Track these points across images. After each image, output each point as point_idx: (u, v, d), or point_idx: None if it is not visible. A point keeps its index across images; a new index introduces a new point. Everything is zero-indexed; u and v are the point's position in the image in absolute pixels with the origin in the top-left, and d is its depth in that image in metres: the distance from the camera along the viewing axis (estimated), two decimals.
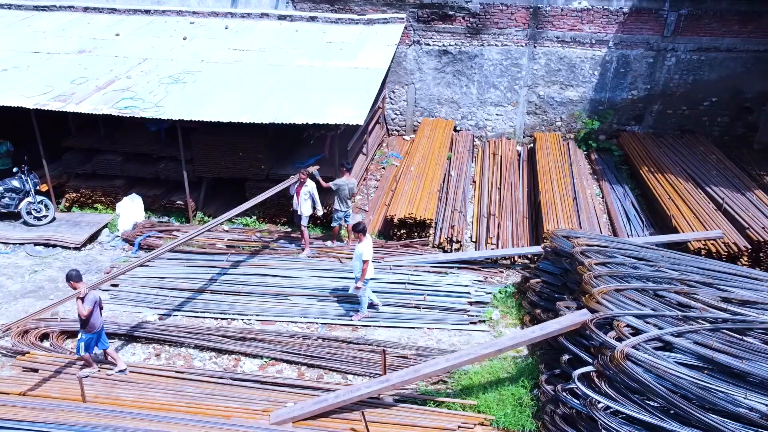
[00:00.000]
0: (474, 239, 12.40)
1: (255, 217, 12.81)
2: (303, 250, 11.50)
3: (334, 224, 11.87)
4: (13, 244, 11.81)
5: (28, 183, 12.29)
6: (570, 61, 16.30)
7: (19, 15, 17.15)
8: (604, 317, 7.46)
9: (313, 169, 11.52)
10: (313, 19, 16.44)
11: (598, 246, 9.23)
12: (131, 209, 12.74)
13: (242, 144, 12.25)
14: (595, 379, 7.08)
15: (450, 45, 16.56)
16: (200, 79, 13.09)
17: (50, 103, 11.90)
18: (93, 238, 12.16)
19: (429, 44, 16.67)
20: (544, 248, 10.66)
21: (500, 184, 14.29)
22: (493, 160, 15.80)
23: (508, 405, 7.91)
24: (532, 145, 17.03)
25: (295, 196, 11.36)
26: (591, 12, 15.71)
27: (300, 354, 8.97)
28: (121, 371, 8.24)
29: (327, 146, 13.37)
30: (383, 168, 15.67)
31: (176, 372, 8.32)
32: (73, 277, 7.95)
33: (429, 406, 7.94)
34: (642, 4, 15.45)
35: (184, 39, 15.32)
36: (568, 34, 16.01)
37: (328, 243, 12.07)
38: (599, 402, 6.88)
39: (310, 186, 11.32)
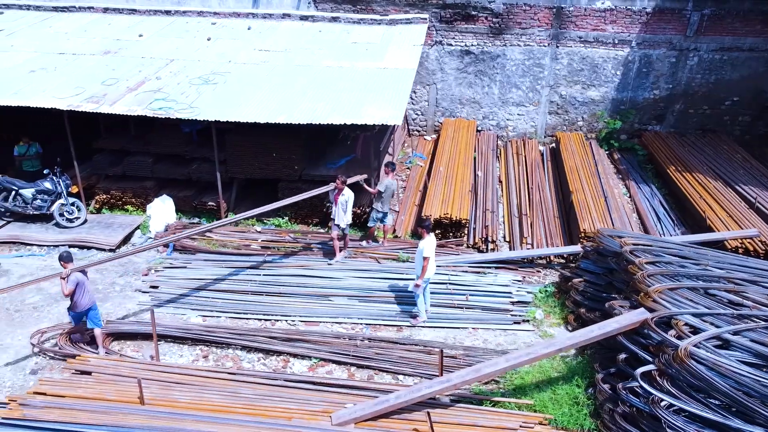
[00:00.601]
0: (507, 239, 12.41)
1: (287, 218, 12.78)
2: (334, 255, 11.20)
3: (371, 224, 11.84)
4: (47, 246, 11.74)
5: (60, 185, 12.23)
6: (592, 61, 16.36)
7: (38, 16, 17.06)
8: (663, 316, 7.48)
9: (360, 178, 11.44)
10: (335, 19, 16.43)
11: (644, 245, 9.26)
12: (162, 211, 12.69)
13: (276, 145, 12.22)
14: (657, 377, 7.10)
15: (472, 45, 16.58)
16: (230, 79, 13.06)
17: (83, 105, 11.85)
18: (126, 239, 12.11)
19: (451, 44, 16.68)
20: (584, 248, 10.71)
21: (528, 184, 14.31)
22: (517, 159, 15.82)
23: (565, 404, 7.92)
24: (554, 144, 17.08)
25: (333, 204, 11.17)
26: (614, 12, 15.77)
27: (349, 355, 8.96)
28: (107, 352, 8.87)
29: (358, 147, 13.36)
30: (408, 168, 15.67)
31: (230, 374, 8.27)
32: (63, 258, 8.57)
33: (485, 405, 7.94)
34: (665, 4, 15.52)
35: (209, 40, 15.29)
36: (590, 34, 16.06)
37: (364, 243, 12.04)
38: (662, 400, 6.91)
39: (348, 195, 10.96)
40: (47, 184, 12.22)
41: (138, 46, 14.89)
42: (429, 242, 9.36)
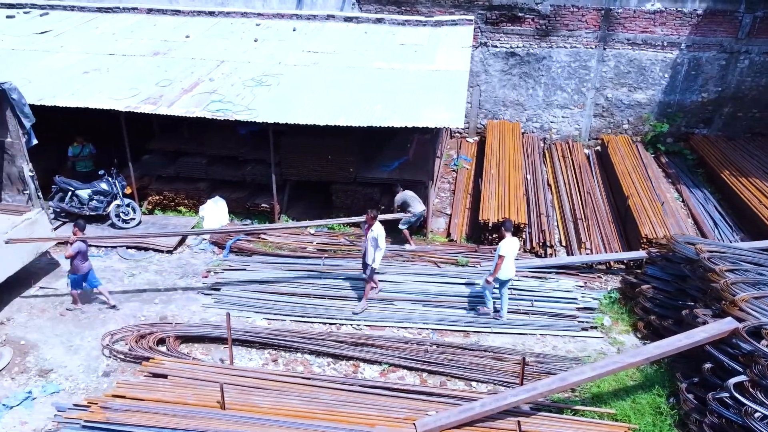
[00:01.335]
0: (563, 243, 12.28)
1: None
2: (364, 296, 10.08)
3: (402, 227, 11.73)
4: (104, 247, 11.76)
5: (115, 186, 12.25)
6: (640, 63, 16.17)
7: (83, 17, 17.13)
8: (754, 325, 7.34)
9: (395, 217, 11.39)
10: (380, 20, 16.35)
11: (719, 252, 9.10)
12: (215, 212, 12.68)
13: (332, 147, 12.16)
14: (750, 388, 6.97)
15: (518, 47, 16.45)
16: (282, 81, 13.01)
17: (141, 106, 11.85)
18: (182, 241, 12.09)
19: (496, 46, 16.57)
20: (649, 253, 10.56)
21: (579, 188, 14.16)
22: (564, 162, 15.68)
23: (647, 414, 7.80)
24: (599, 147, 16.92)
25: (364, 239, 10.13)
26: (664, 14, 15.58)
27: (420, 360, 8.88)
28: (112, 307, 9.88)
29: (411, 149, 13.28)
30: (453, 171, 15.57)
31: (305, 378, 8.22)
32: (78, 226, 9.66)
33: (565, 414, 7.83)
34: (716, 6, 15.31)
35: (255, 41, 15.27)
36: (639, 36, 15.88)
37: (407, 246, 11.93)
38: (755, 411, 6.78)
39: (377, 231, 9.61)
40: (103, 185, 12.24)
41: (186, 47, 14.89)
42: (507, 242, 9.44)
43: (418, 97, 12.20)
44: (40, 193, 10.42)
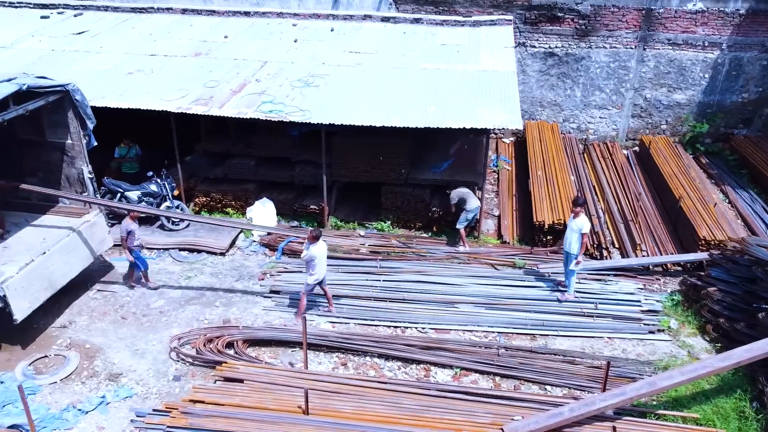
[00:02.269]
0: (616, 245, 12.18)
1: (389, 223, 12.63)
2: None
3: (460, 226, 11.66)
4: (157, 249, 11.66)
5: (165, 187, 12.16)
6: (680, 63, 16.08)
7: (117, 17, 17.04)
8: None
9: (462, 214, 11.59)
10: (417, 20, 16.25)
11: None
12: (263, 214, 12.60)
13: (383, 148, 12.07)
14: None
15: (556, 47, 16.36)
16: (330, 82, 12.93)
17: (192, 107, 11.77)
18: (232, 243, 12.00)
19: (534, 46, 16.48)
20: (711, 255, 10.47)
21: (624, 189, 14.07)
22: (605, 163, 15.58)
23: (732, 418, 7.71)
24: (636, 148, 16.84)
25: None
26: (705, 14, 15.49)
27: (492, 364, 8.79)
28: (153, 289, 10.37)
29: (455, 150, 13.19)
30: (494, 171, 15.47)
31: (381, 382, 8.13)
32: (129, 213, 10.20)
33: (648, 418, 7.74)
34: (759, 6, 15.22)
35: (295, 41, 15.17)
36: (680, 36, 15.79)
37: (461, 248, 11.85)
38: None
39: (315, 250, 9.21)
40: (153, 187, 12.16)
41: (226, 47, 14.79)
42: (585, 220, 9.71)
43: (469, 97, 12.11)
44: (98, 195, 10.32)
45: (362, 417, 7.39)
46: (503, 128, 11.50)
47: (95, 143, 10.09)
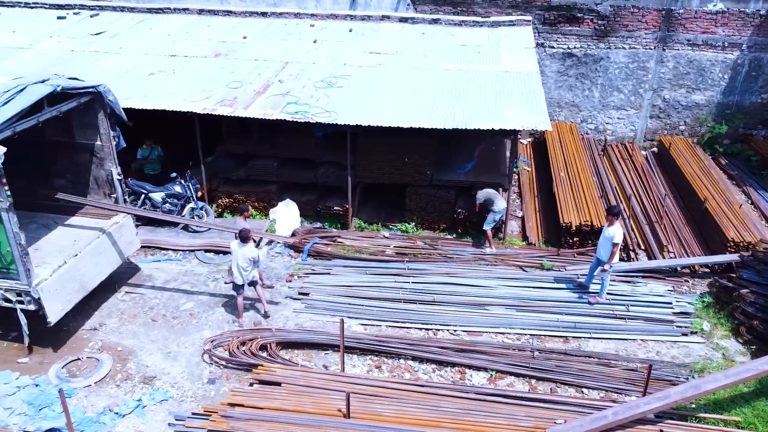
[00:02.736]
0: (642, 247, 12.14)
1: (413, 224, 12.59)
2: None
3: (487, 227, 11.62)
4: (182, 251, 11.61)
5: (189, 189, 12.12)
6: (699, 64, 16.05)
7: (134, 17, 16.99)
8: None
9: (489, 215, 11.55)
10: (435, 21, 16.21)
11: None
12: (286, 215, 12.54)
13: (408, 149, 12.03)
14: None
15: (575, 47, 16.33)
16: (353, 83, 12.88)
17: (218, 108, 11.72)
18: (257, 244, 11.93)
19: (553, 47, 16.44)
20: (741, 257, 10.43)
21: (646, 190, 14.03)
22: (625, 164, 15.54)
23: None
24: (655, 149, 16.81)
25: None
26: (726, 15, 15.46)
27: (527, 366, 8.75)
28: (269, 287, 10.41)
29: (478, 151, 13.14)
30: (514, 172, 15.39)
31: (418, 385, 8.09)
32: (243, 208, 10.38)
33: (689, 421, 7.70)
34: None
35: (315, 42, 15.12)
36: (699, 36, 15.76)
37: (488, 250, 11.81)
38: None
39: (249, 251, 9.38)
40: (177, 188, 12.11)
41: (245, 48, 14.75)
42: (618, 228, 9.61)
43: (495, 98, 12.07)
44: (126, 197, 10.27)
45: (403, 420, 7.34)
46: (533, 129, 11.40)
47: (124, 144, 10.05)
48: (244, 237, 9.27)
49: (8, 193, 7.69)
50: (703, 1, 15.39)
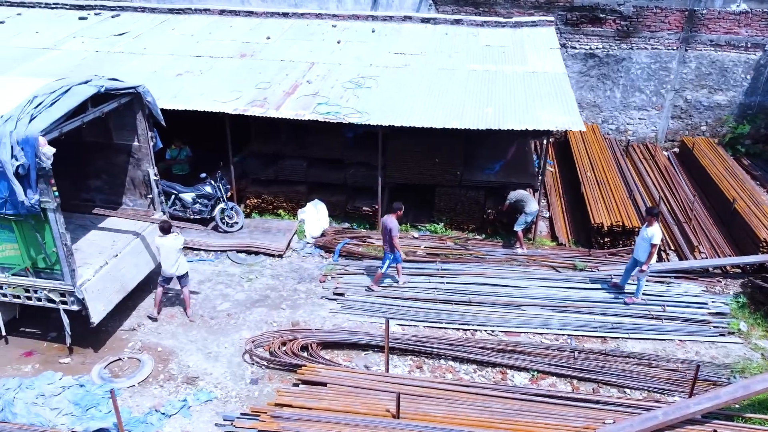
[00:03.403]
0: (672, 247, 12.15)
1: (442, 224, 12.60)
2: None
3: (518, 228, 11.63)
4: (214, 251, 11.62)
5: (220, 189, 12.12)
6: (722, 64, 16.06)
7: (155, 18, 16.99)
8: None
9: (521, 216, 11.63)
10: (457, 22, 16.21)
11: None
12: (315, 215, 12.55)
13: (438, 150, 12.04)
14: None
15: (597, 48, 16.34)
16: (381, 83, 12.87)
17: (249, 109, 11.73)
18: (288, 244, 11.96)
19: (575, 47, 16.45)
20: None
21: (672, 191, 14.05)
22: (648, 165, 15.55)
23: None
24: (676, 149, 16.82)
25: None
26: (749, 15, 15.46)
27: (568, 367, 8.76)
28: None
29: (511, 151, 13.16)
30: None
31: (463, 386, 8.10)
32: (396, 206, 10.35)
33: (736, 422, 7.71)
34: None
35: (338, 42, 15.12)
36: (722, 37, 15.77)
37: (519, 250, 11.82)
38: None
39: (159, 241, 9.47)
40: (207, 189, 12.11)
41: (270, 49, 14.74)
42: (657, 229, 9.60)
43: (525, 99, 12.08)
44: (162, 198, 10.27)
45: (455, 421, 7.36)
46: (566, 130, 11.41)
47: (161, 145, 10.05)
48: (165, 228, 9.31)
49: (56, 193, 7.69)
50: (727, 1, 15.40)
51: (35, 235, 7.99)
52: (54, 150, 7.45)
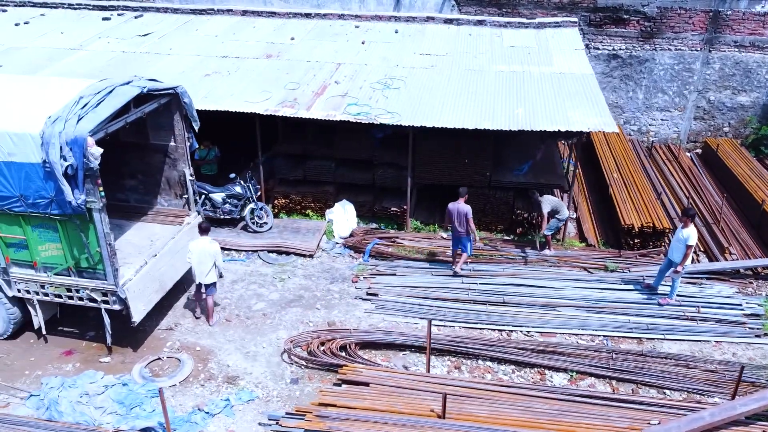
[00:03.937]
0: (702, 248, 12.14)
1: None
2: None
3: (548, 232, 11.64)
4: (245, 251, 11.67)
5: (249, 189, 12.16)
6: (746, 65, 16.05)
7: (178, 18, 17.07)
8: None
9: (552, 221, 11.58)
10: (481, 22, 16.23)
11: None
12: (343, 216, 12.59)
13: (467, 150, 12.06)
14: None
15: (620, 49, 16.35)
16: (409, 84, 12.90)
17: (280, 110, 11.78)
18: (318, 244, 12.00)
19: (598, 48, 16.46)
20: None
21: (698, 192, 14.04)
22: (672, 166, 15.55)
23: None
24: (699, 150, 16.80)
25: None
26: None
27: (607, 367, 8.77)
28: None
29: (540, 152, 13.17)
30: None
31: (504, 386, 8.12)
32: (461, 193, 10.56)
33: None
34: None
35: (363, 43, 15.16)
36: (747, 38, 15.77)
37: (547, 251, 11.83)
38: None
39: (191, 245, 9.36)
40: (237, 189, 12.16)
41: (295, 49, 14.79)
42: (693, 231, 9.65)
43: (554, 100, 12.09)
44: (197, 198, 10.32)
45: (500, 421, 7.38)
46: (600, 131, 11.39)
47: (197, 146, 10.09)
48: (204, 229, 9.26)
49: (102, 193, 7.74)
50: (752, 2, 15.39)
51: (79, 235, 8.04)
52: (102, 150, 7.50)
